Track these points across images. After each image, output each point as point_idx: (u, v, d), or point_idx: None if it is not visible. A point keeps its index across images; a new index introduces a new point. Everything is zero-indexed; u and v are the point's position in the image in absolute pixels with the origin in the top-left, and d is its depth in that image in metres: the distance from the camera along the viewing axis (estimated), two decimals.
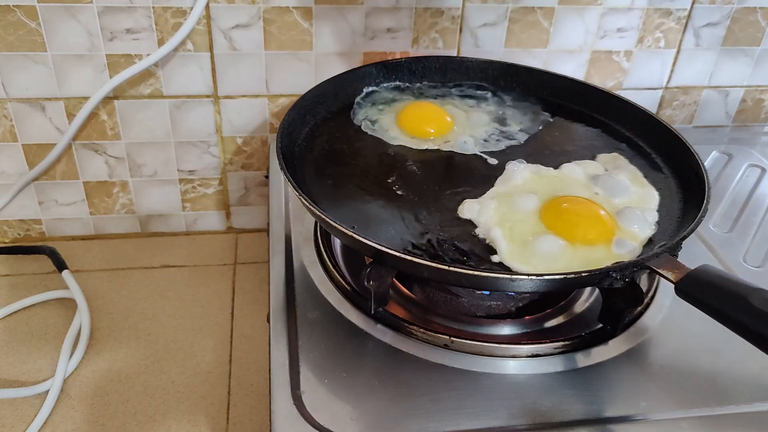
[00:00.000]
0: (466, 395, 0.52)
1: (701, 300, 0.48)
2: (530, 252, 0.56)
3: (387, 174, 0.67)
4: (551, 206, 0.60)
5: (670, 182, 0.66)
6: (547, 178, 0.65)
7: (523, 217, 0.59)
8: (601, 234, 0.57)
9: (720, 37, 0.92)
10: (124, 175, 0.88)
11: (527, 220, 0.59)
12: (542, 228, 0.58)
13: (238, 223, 0.96)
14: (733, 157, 0.89)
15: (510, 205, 0.60)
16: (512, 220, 0.59)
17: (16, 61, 0.77)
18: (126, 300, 0.83)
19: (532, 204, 0.60)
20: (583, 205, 0.60)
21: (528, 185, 0.64)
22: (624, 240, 0.56)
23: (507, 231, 0.57)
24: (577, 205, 0.60)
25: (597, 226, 0.58)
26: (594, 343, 0.57)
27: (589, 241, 0.56)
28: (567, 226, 0.57)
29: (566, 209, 0.59)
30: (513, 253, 0.56)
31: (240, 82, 0.83)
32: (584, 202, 0.60)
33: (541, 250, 0.55)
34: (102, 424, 0.67)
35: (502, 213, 0.60)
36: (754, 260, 0.70)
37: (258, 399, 0.71)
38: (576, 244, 0.56)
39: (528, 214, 0.59)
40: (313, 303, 0.60)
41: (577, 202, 0.60)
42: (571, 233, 0.57)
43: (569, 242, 0.56)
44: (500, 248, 0.56)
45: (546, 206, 0.60)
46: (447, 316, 0.60)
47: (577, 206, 0.60)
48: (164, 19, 0.77)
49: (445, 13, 0.83)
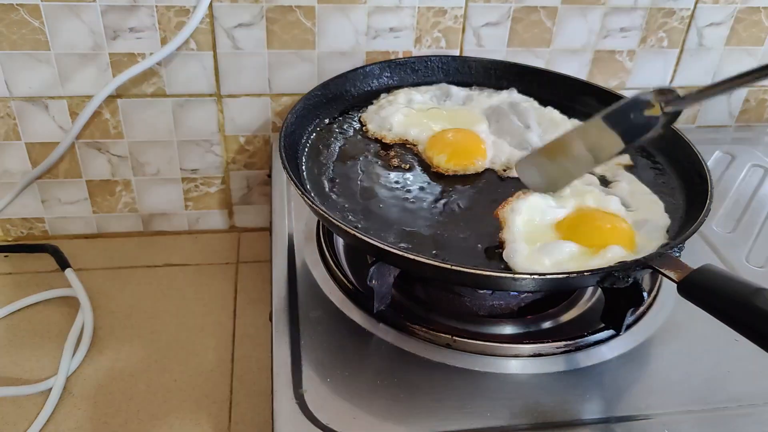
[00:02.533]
0: (468, 394, 0.52)
1: (704, 300, 0.48)
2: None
3: (390, 173, 0.67)
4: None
5: (673, 182, 0.66)
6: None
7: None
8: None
9: (723, 36, 0.91)
10: (127, 173, 0.88)
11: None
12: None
13: (240, 222, 0.96)
14: (736, 157, 0.89)
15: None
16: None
17: (19, 59, 0.77)
18: (128, 298, 0.83)
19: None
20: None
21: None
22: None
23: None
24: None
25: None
26: (596, 343, 0.57)
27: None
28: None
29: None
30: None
31: (243, 81, 0.83)
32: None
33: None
34: (105, 422, 0.67)
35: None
36: (757, 260, 0.70)
37: (260, 398, 0.71)
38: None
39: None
40: (316, 302, 0.60)
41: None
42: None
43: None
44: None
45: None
46: (449, 316, 0.60)
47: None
48: (167, 18, 0.77)
49: (448, 13, 0.83)
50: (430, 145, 0.69)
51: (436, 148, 0.68)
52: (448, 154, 0.67)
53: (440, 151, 0.67)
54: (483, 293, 0.61)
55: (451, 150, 0.67)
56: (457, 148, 0.68)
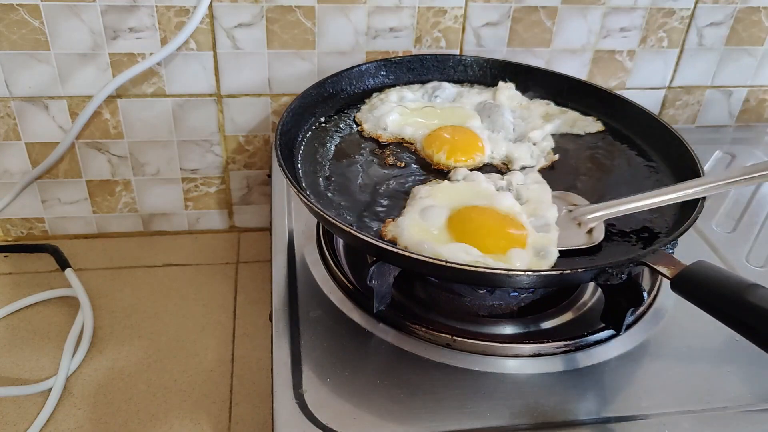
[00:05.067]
0: (468, 394, 0.52)
1: (697, 296, 0.48)
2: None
3: (388, 171, 0.67)
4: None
5: (667, 180, 0.66)
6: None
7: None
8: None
9: (723, 36, 0.91)
10: (127, 173, 0.88)
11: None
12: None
13: (240, 222, 0.96)
14: (736, 157, 0.89)
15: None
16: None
17: (19, 59, 0.77)
18: (128, 298, 0.83)
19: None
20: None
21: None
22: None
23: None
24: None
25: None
26: (596, 343, 0.57)
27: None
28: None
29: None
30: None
31: (243, 81, 0.83)
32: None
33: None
34: (105, 422, 0.67)
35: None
36: (757, 260, 0.70)
37: (260, 398, 0.71)
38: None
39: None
40: (316, 302, 0.60)
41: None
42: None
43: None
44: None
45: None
46: (449, 316, 0.60)
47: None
48: (167, 18, 0.77)
49: (448, 13, 0.83)
50: (429, 142, 0.69)
51: (435, 145, 0.68)
52: (448, 150, 0.67)
53: (440, 148, 0.68)
54: (483, 293, 0.61)
55: (451, 146, 0.68)
56: (457, 144, 0.68)
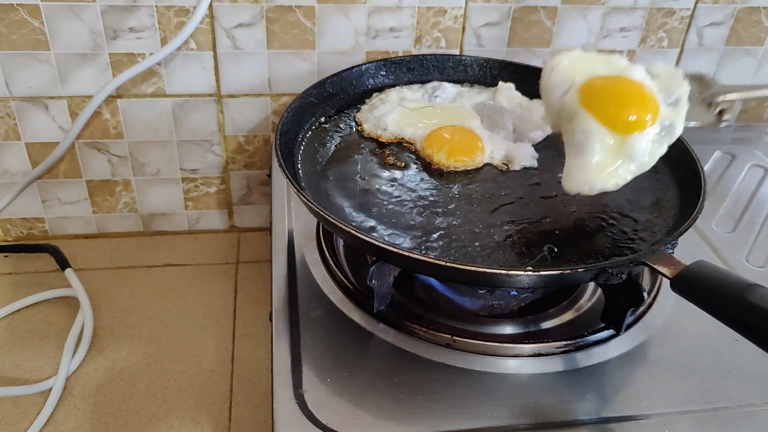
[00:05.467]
0: (468, 394, 0.52)
1: (696, 295, 0.48)
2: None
3: (388, 171, 0.67)
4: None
5: (667, 179, 0.66)
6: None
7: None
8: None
9: (723, 36, 0.91)
10: (127, 173, 0.88)
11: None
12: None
13: (240, 222, 0.96)
14: (736, 157, 0.89)
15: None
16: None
17: (19, 59, 0.77)
18: (128, 298, 0.83)
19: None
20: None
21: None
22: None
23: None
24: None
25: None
26: (596, 343, 0.57)
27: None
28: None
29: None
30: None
31: (243, 81, 0.83)
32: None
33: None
34: (105, 422, 0.67)
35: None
36: (757, 260, 0.70)
37: (260, 398, 0.71)
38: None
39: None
40: (316, 302, 0.60)
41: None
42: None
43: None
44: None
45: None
46: (449, 316, 0.60)
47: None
48: (167, 18, 0.77)
49: (448, 13, 0.83)
50: (428, 142, 0.69)
51: (435, 145, 0.68)
52: (448, 150, 0.67)
53: (440, 148, 0.68)
54: (483, 293, 0.61)
55: (451, 146, 0.68)
56: (457, 144, 0.68)
